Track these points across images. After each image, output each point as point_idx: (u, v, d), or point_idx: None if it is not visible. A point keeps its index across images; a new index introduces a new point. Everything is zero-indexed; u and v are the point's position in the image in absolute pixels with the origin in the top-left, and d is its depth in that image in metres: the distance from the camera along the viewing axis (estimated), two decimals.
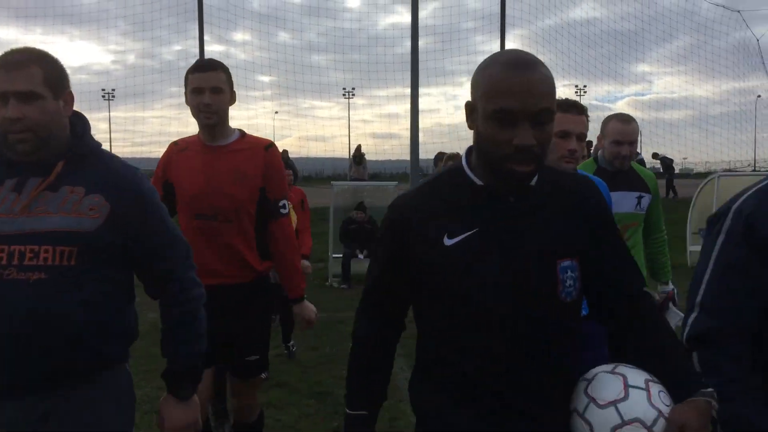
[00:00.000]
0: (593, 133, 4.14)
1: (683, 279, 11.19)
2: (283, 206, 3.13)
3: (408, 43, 18.62)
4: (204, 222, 3.03)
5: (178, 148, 3.19)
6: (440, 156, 8.43)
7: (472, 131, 1.60)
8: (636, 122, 3.56)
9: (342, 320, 7.87)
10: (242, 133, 3.14)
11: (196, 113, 3.01)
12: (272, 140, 3.25)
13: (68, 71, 2.06)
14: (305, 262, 6.01)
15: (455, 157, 15.26)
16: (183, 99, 3.09)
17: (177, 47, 43.72)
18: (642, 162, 22.70)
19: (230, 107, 3.13)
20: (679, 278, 12.15)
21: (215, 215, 3.01)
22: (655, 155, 23.29)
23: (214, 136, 3.08)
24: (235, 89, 3.15)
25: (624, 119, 3.52)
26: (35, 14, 20.69)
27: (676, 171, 23.58)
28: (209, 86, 2.96)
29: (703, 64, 20.25)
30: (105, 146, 2.13)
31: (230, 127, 3.15)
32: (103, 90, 46.68)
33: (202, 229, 3.03)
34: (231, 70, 3.11)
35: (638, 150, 23.47)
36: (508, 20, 12.82)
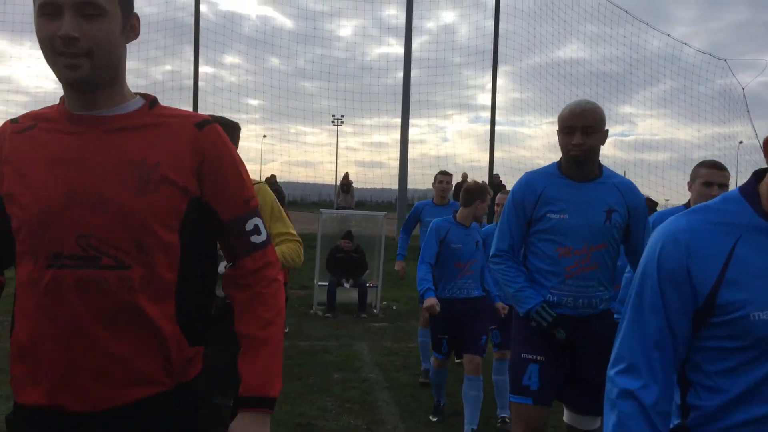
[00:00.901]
0: None
1: None
2: (256, 230, 1.68)
3: (398, 74, 18.90)
4: (68, 271, 1.50)
5: (15, 127, 1.65)
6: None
7: (456, 164, 1.56)
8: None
9: (326, 349, 7.78)
10: (151, 100, 1.69)
11: (52, 59, 1.52)
12: (259, 164, 2.69)
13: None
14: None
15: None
16: None
17: (167, 67, 43.67)
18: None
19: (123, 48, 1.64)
20: None
21: (94, 256, 1.51)
22: None
23: (88, 99, 1.58)
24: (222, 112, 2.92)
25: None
26: (22, 29, 20.56)
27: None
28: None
29: (686, 108, 20.61)
30: None
31: (128, 88, 1.68)
32: None
33: (62, 285, 1.50)
34: (220, 93, 2.96)
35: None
36: (498, 57, 13.01)
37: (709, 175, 3.66)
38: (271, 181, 16.22)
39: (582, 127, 3.09)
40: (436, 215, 6.37)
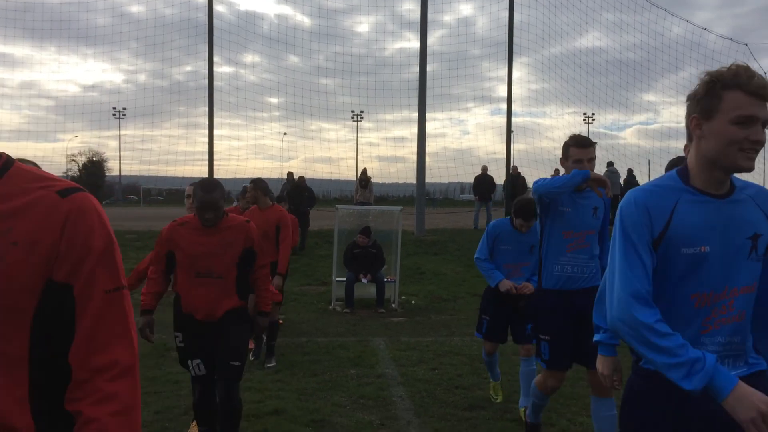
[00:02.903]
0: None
1: None
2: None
3: (415, 69, 18.77)
4: None
5: None
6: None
7: (478, 157, 1.55)
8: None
9: (343, 345, 7.79)
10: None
11: None
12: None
13: (80, 89, 1.51)
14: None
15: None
16: (192, 119, 2.91)
17: (188, 68, 44.04)
18: None
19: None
20: None
21: None
22: None
23: None
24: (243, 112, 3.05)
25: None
26: (50, 35, 20.97)
27: None
28: None
29: None
30: (114, 164, 1.56)
31: None
32: (114, 108, 47.10)
33: None
34: (240, 92, 2.99)
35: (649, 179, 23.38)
36: (515, 48, 12.89)
37: (577, 153, 3.95)
38: (301, 183, 16.30)
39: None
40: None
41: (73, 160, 79.66)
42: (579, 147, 3.96)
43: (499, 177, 20.72)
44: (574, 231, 4.03)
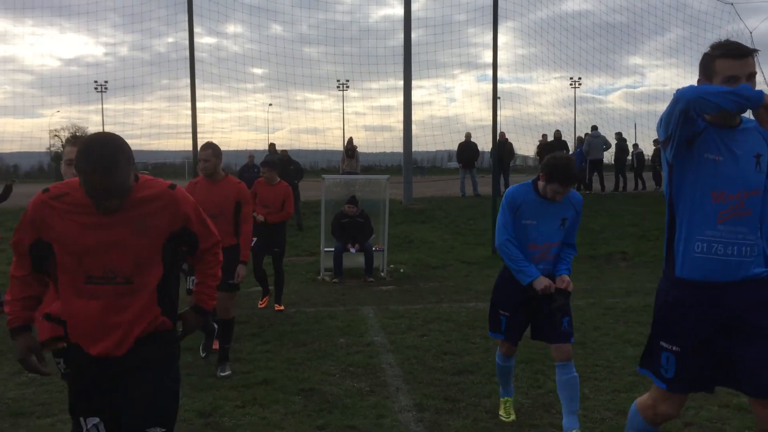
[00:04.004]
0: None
1: None
2: None
3: (401, 36, 18.52)
4: None
5: None
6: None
7: (464, 124, 1.50)
8: None
9: (332, 315, 7.81)
10: None
11: None
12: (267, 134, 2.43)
13: (60, 63, 1.77)
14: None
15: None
16: (175, 92, 2.68)
17: (169, 39, 43.30)
18: (641, 155, 22.61)
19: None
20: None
21: None
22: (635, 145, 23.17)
23: None
24: (227, 83, 2.74)
25: None
26: (24, 5, 20.39)
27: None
28: None
29: (695, 57, 20.14)
30: None
31: None
32: (96, 82, 46.33)
33: None
34: (224, 63, 2.78)
35: (635, 142, 23.34)
36: (500, 12, 12.66)
37: (730, 67, 2.68)
38: (284, 157, 15.97)
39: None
40: None
41: (56, 135, 78.54)
42: (732, 58, 2.68)
43: (486, 143, 20.65)
44: (730, 192, 2.71)
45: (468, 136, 19.23)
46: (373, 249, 10.71)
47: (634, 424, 3.06)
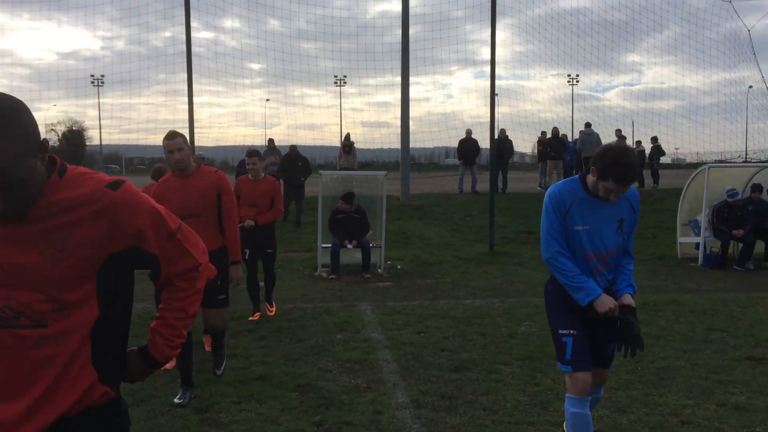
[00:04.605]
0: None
1: (673, 270, 11.09)
2: None
3: (398, 32, 18.47)
4: None
5: None
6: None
7: (462, 121, 1.48)
8: None
9: (329, 311, 7.79)
10: None
11: None
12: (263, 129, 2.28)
13: (57, 57, 1.55)
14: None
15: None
16: (172, 86, 2.57)
17: (166, 33, 43.16)
18: (642, 153, 22.60)
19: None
20: (669, 270, 12.06)
21: None
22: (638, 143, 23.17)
23: None
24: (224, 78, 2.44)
25: None
26: (22, 0, 20.28)
27: (666, 161, 23.45)
28: None
29: (693, 54, 20.20)
30: (94, 133, 1.74)
31: None
32: (92, 76, 46.23)
33: None
34: (221, 58, 2.82)
35: (638, 140, 23.30)
36: (498, 9, 12.62)
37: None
38: (293, 153, 15.81)
39: None
40: None
41: (52, 129, 78.43)
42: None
43: (483, 140, 20.65)
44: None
45: (469, 132, 19.20)
46: (371, 245, 10.69)
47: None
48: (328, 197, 11.24)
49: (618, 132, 21.13)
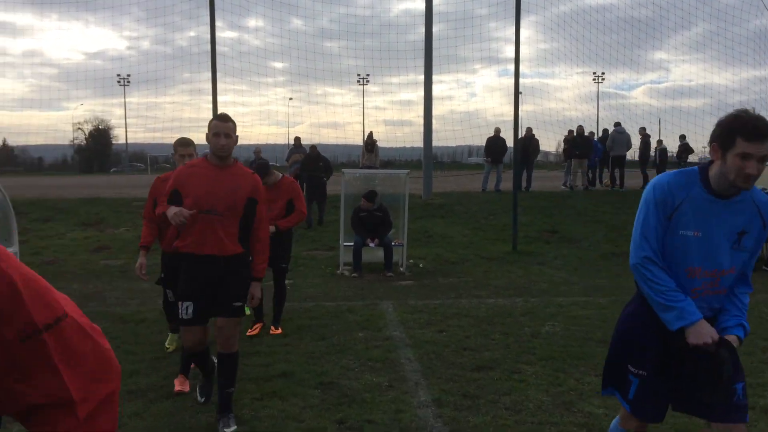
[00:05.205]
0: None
1: None
2: None
3: (421, 30, 18.44)
4: None
5: None
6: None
7: (485, 119, 1.48)
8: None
9: (351, 309, 7.80)
10: None
11: None
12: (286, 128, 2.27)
13: (84, 57, 1.52)
14: None
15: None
16: (197, 85, 2.52)
17: (191, 33, 43.63)
18: (664, 151, 22.25)
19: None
20: None
21: None
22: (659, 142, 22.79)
23: None
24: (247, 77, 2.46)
25: None
26: (51, 1, 20.63)
27: (693, 160, 23.05)
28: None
29: (721, 51, 19.80)
30: (120, 131, 1.77)
31: None
32: (119, 75, 46.95)
33: None
34: (245, 57, 2.74)
35: (659, 138, 22.97)
36: (522, 6, 12.54)
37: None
38: (313, 153, 15.70)
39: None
40: None
41: (79, 128, 79.71)
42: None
43: (507, 139, 20.51)
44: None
45: (497, 131, 19.07)
46: (393, 244, 10.68)
47: None
48: (350, 195, 11.26)
49: (642, 130, 20.84)
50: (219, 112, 5.75)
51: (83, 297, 8.93)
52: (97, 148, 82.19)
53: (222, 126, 4.20)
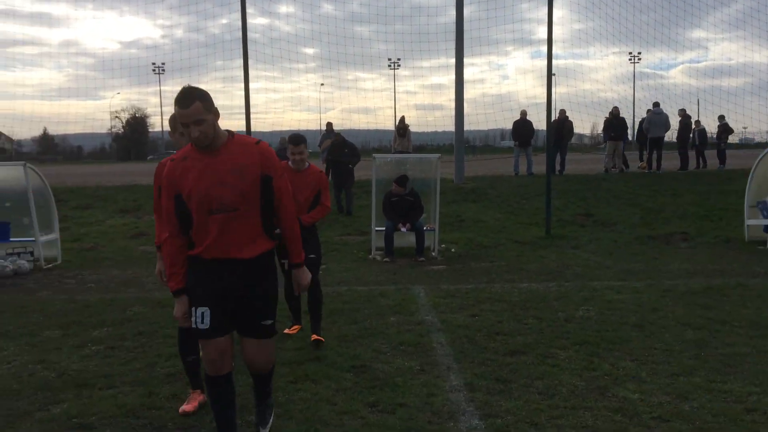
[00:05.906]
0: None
1: (740, 253, 10.70)
2: None
3: (452, 12, 18.23)
4: None
5: None
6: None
7: (518, 102, 1.41)
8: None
9: (383, 293, 7.83)
10: None
11: None
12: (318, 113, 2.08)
13: (120, 46, 1.63)
14: None
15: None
16: (229, 72, 2.42)
17: (223, 20, 43.97)
18: (703, 132, 21.69)
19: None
20: (735, 253, 11.63)
21: None
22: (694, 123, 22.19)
23: None
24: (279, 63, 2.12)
25: None
26: None
27: (734, 141, 22.47)
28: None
29: (762, 29, 19.21)
30: (156, 119, 1.86)
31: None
32: (153, 64, 47.53)
33: None
34: (276, 43, 2.62)
35: (697, 119, 22.42)
36: None
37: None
38: (338, 140, 15.60)
39: None
40: None
41: (116, 116, 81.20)
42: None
43: (540, 122, 20.22)
44: None
45: (524, 113, 18.85)
46: (425, 228, 10.67)
47: None
48: (381, 180, 11.26)
49: (682, 111, 20.35)
50: (250, 99, 5.74)
51: (122, 283, 9.14)
52: (134, 137, 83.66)
53: (186, 114, 3.23)
